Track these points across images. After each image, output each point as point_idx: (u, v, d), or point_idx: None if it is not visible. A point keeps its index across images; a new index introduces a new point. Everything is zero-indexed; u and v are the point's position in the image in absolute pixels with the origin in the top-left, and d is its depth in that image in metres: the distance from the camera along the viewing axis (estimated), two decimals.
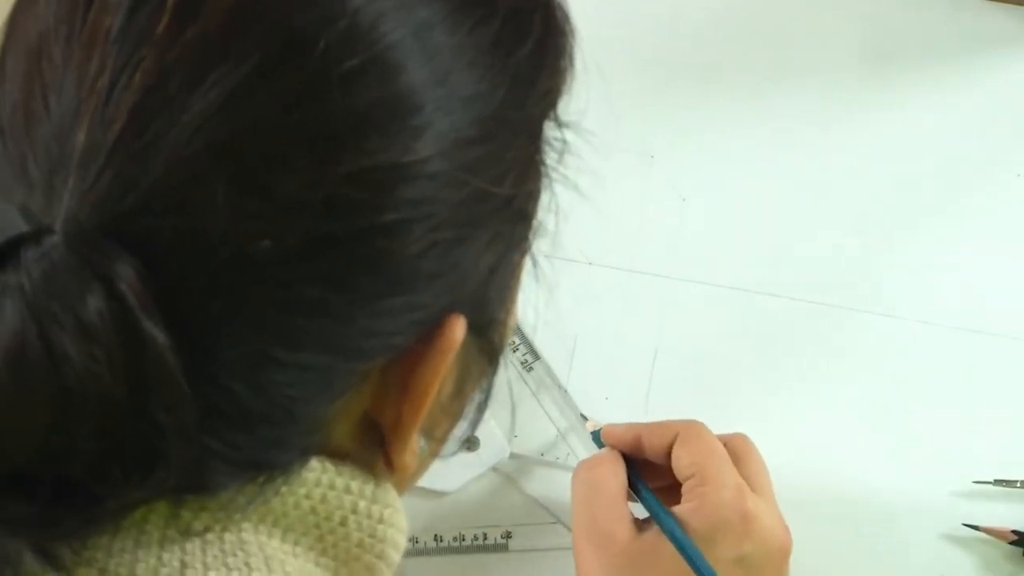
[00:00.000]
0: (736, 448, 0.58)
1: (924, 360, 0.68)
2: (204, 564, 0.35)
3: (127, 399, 0.31)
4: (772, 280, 0.70)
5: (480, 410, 0.44)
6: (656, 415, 0.61)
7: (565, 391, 0.67)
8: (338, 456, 0.39)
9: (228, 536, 0.36)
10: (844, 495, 0.65)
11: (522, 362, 0.67)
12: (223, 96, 0.31)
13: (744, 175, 0.73)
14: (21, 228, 0.31)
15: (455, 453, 0.45)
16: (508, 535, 0.65)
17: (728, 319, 0.69)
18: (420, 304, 0.35)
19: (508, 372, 0.67)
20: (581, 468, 0.59)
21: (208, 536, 0.36)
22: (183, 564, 0.35)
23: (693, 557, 0.53)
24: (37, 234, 0.30)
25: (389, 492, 0.41)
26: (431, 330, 0.36)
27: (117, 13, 0.31)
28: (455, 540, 0.65)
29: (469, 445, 0.65)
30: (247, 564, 0.36)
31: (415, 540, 0.64)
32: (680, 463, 0.57)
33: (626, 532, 0.56)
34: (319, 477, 0.38)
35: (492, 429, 0.66)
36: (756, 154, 0.73)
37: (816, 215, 0.72)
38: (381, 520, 0.40)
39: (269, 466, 0.36)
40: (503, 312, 0.41)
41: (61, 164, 0.31)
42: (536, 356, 0.67)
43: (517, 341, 0.67)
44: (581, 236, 0.69)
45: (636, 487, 0.58)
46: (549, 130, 0.40)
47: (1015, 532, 0.62)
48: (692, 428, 0.58)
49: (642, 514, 0.57)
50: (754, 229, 0.71)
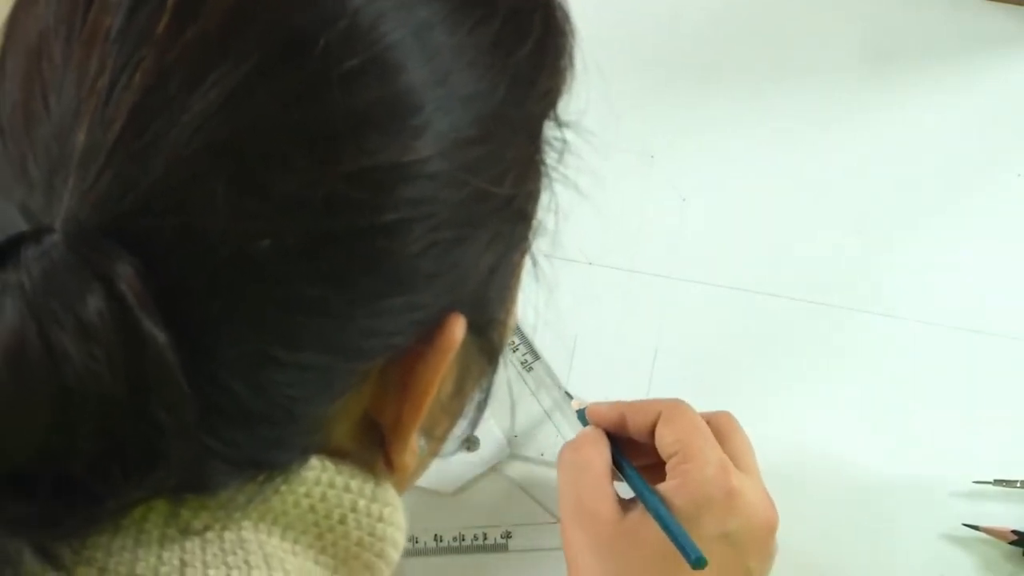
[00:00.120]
0: (720, 425, 0.58)
1: (924, 360, 0.68)
2: (204, 563, 0.35)
3: (127, 398, 0.31)
4: (772, 280, 0.70)
5: (480, 409, 0.44)
6: None
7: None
8: (338, 455, 0.39)
9: (228, 535, 0.36)
10: (844, 495, 0.65)
11: (522, 362, 0.67)
12: (223, 96, 0.31)
13: (744, 175, 0.73)
14: (21, 227, 0.31)
15: (455, 453, 0.45)
16: (508, 535, 0.65)
17: (728, 319, 0.69)
18: (420, 304, 0.35)
19: (508, 372, 0.67)
20: (566, 450, 0.59)
21: (208, 535, 0.36)
22: (183, 563, 0.35)
23: (676, 534, 0.52)
24: (37, 233, 0.30)
25: (389, 491, 0.41)
26: (431, 330, 0.36)
27: (117, 13, 0.31)
28: (455, 540, 0.65)
29: (469, 445, 0.65)
30: (246, 562, 0.36)
31: (415, 540, 0.64)
32: (664, 441, 0.57)
33: (611, 511, 0.56)
34: (319, 476, 0.38)
35: (492, 429, 0.66)
36: (756, 154, 0.73)
37: (816, 215, 0.72)
38: (380, 519, 0.40)
39: (269, 465, 0.36)
40: (503, 312, 0.41)
41: (61, 164, 0.31)
42: (536, 356, 0.67)
43: (517, 341, 0.67)
44: (581, 236, 0.69)
45: (620, 465, 0.58)
46: (549, 130, 0.40)
47: (1015, 532, 0.62)
48: (675, 406, 0.58)
49: (628, 494, 0.57)
50: (754, 229, 0.71)
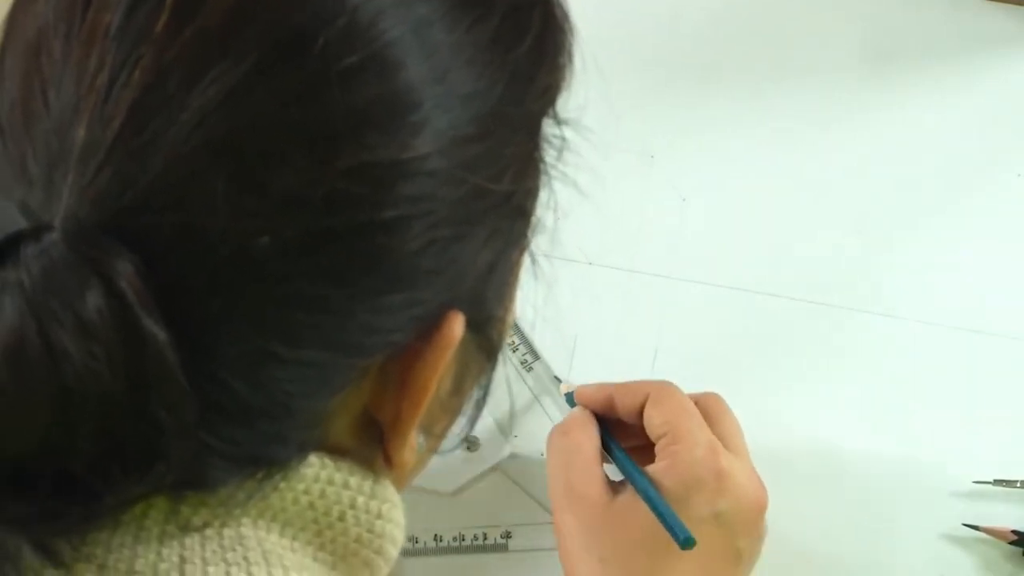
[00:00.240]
0: (709, 407, 0.58)
1: (924, 360, 0.68)
2: (203, 559, 0.35)
3: (126, 396, 0.31)
4: (772, 280, 0.70)
5: (478, 407, 0.44)
6: None
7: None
8: (337, 452, 0.39)
9: (227, 531, 0.36)
10: (844, 495, 0.65)
11: (522, 362, 0.67)
12: (222, 93, 0.31)
13: (744, 175, 0.73)
14: (21, 225, 0.31)
15: (454, 450, 0.45)
16: (508, 535, 0.65)
17: (728, 319, 0.69)
18: (419, 301, 0.36)
19: (508, 372, 0.67)
20: (555, 434, 0.59)
21: (207, 532, 0.36)
22: (182, 559, 0.35)
23: (665, 516, 0.52)
24: (36, 231, 0.30)
25: (388, 488, 0.41)
26: (430, 327, 0.37)
27: (116, 10, 0.32)
28: (455, 540, 0.64)
29: (469, 445, 0.65)
30: (245, 559, 0.36)
31: (415, 540, 0.64)
32: (652, 422, 0.56)
33: (601, 494, 0.55)
34: (318, 473, 0.38)
35: (492, 429, 0.66)
36: (756, 154, 0.73)
37: (816, 215, 0.71)
38: (379, 515, 0.40)
39: (268, 461, 0.36)
40: (502, 309, 0.41)
41: (60, 161, 0.31)
42: (536, 356, 0.67)
43: (517, 341, 0.67)
44: (581, 236, 0.69)
45: (609, 448, 0.58)
46: (548, 127, 0.40)
47: (1015, 532, 0.62)
48: (664, 388, 0.58)
49: (618, 476, 0.57)
50: (754, 229, 0.71)
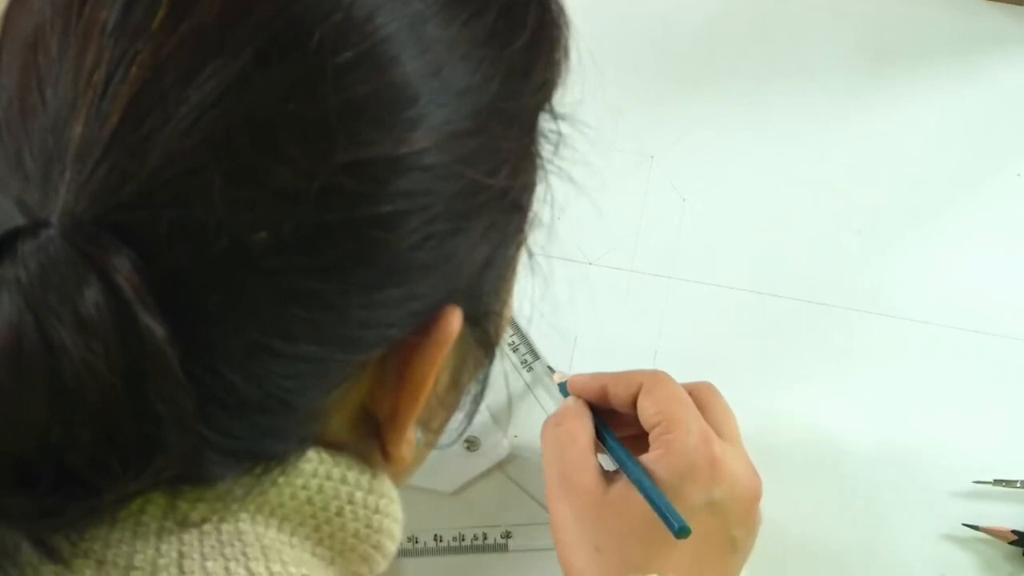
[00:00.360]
0: (701, 396, 0.58)
1: (924, 360, 0.68)
2: (201, 555, 0.35)
3: (125, 391, 0.31)
4: (772, 280, 0.70)
5: (476, 402, 0.44)
6: None
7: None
8: (335, 447, 0.39)
9: (225, 527, 0.36)
10: (844, 494, 0.65)
11: (522, 361, 0.67)
12: (219, 89, 0.31)
13: (744, 175, 0.73)
14: (17, 221, 0.31)
15: (451, 445, 0.45)
16: (508, 535, 0.65)
17: (728, 319, 0.69)
18: (416, 295, 0.36)
19: (508, 372, 0.67)
20: (548, 424, 0.59)
21: (205, 527, 0.36)
22: (181, 555, 0.35)
23: (659, 504, 0.52)
24: (34, 227, 0.30)
25: (385, 483, 0.41)
26: (427, 322, 0.37)
27: (113, 7, 0.32)
28: (455, 540, 0.64)
29: (469, 445, 0.65)
30: (244, 554, 0.36)
31: (415, 540, 0.64)
32: (646, 412, 0.57)
33: (596, 483, 0.56)
34: (316, 468, 0.38)
35: (492, 429, 0.66)
36: (756, 154, 0.73)
37: (816, 215, 0.72)
38: (377, 510, 0.40)
39: (266, 456, 0.36)
40: (499, 304, 0.41)
41: (57, 157, 0.31)
42: (536, 356, 0.67)
43: (517, 341, 0.67)
44: (581, 236, 0.69)
45: (603, 437, 0.58)
46: (544, 122, 0.40)
47: (1015, 532, 0.62)
48: (657, 377, 0.58)
49: (612, 466, 0.57)
50: (754, 229, 0.71)
